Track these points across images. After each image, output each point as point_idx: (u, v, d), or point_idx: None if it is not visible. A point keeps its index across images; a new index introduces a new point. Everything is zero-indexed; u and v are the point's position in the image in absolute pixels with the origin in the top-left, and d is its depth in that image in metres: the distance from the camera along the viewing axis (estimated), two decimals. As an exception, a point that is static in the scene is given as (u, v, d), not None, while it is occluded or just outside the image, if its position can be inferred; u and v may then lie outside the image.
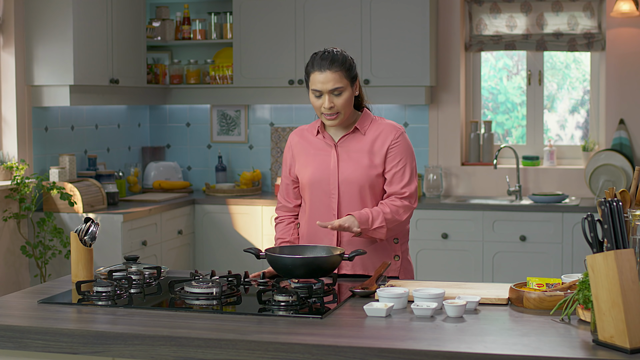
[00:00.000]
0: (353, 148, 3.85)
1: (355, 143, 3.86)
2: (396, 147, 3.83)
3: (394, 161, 3.83)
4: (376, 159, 3.83)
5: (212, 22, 7.43)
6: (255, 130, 7.66)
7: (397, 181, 3.83)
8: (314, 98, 3.80)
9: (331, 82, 3.73)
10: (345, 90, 3.76)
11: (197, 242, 7.10)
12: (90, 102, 6.50)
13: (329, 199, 3.85)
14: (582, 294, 2.85)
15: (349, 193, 3.82)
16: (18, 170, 6.05)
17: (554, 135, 7.36)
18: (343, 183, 3.82)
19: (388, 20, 6.83)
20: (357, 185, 3.81)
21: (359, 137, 3.86)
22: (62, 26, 6.18)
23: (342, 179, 3.83)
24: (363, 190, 3.82)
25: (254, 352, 2.77)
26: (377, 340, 2.78)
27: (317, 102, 3.79)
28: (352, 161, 3.84)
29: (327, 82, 3.73)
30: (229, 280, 3.51)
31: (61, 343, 2.95)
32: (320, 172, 3.86)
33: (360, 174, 3.82)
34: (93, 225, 3.74)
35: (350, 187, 3.82)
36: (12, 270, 6.16)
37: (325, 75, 3.74)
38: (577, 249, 6.37)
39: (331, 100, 3.75)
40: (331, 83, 3.73)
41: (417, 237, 6.58)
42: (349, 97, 3.78)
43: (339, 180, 3.83)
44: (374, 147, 3.84)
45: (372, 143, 3.84)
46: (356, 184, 3.81)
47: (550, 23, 7.03)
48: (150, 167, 7.57)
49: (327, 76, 3.74)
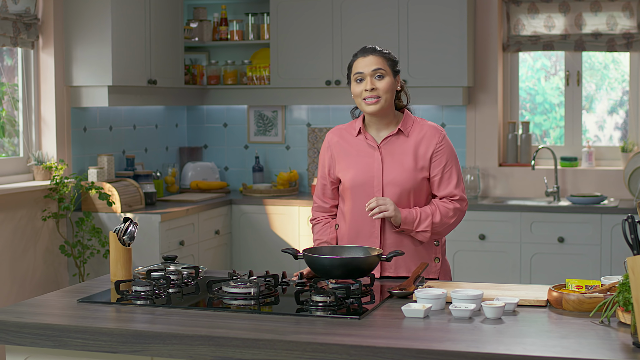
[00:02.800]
0: (397, 150, 3.83)
1: (399, 145, 3.83)
2: (441, 150, 3.82)
3: (440, 165, 3.81)
4: (420, 162, 3.81)
5: (250, 23, 7.45)
6: (292, 131, 7.66)
7: (445, 184, 3.82)
8: (355, 85, 3.79)
9: (374, 64, 3.76)
10: (387, 74, 3.77)
11: (234, 242, 7.11)
12: (128, 103, 6.54)
13: (372, 201, 3.83)
14: (622, 296, 2.83)
15: (393, 196, 3.78)
16: (57, 170, 6.09)
17: (593, 136, 7.31)
18: (387, 186, 3.80)
19: (425, 21, 6.82)
20: (402, 188, 3.79)
21: (402, 139, 3.84)
22: (100, 27, 6.22)
23: (387, 182, 3.80)
24: (407, 193, 3.79)
25: (292, 352, 2.77)
26: (415, 341, 2.77)
27: (358, 88, 3.78)
28: (396, 163, 3.81)
29: (370, 64, 3.76)
30: (266, 280, 3.51)
31: (100, 342, 2.97)
32: (364, 174, 3.83)
33: (405, 177, 3.79)
34: (132, 225, 3.75)
35: (394, 190, 3.79)
36: (51, 270, 6.20)
37: (368, 59, 3.78)
38: (616, 250, 6.32)
39: (373, 82, 3.75)
40: (374, 65, 3.76)
41: (455, 238, 6.56)
42: (390, 83, 3.77)
43: (383, 183, 3.80)
44: (418, 150, 3.81)
45: (416, 146, 3.82)
46: (401, 187, 3.79)
47: (589, 23, 6.98)
48: (188, 168, 7.60)
49: (370, 59, 3.78)
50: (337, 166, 3.92)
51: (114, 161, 6.63)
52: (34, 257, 6.05)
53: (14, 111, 6.18)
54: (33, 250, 6.04)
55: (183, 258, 6.38)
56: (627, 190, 6.77)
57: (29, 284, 6.01)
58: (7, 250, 5.82)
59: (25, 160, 6.20)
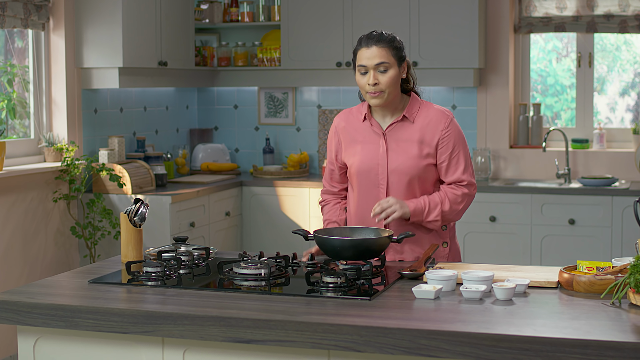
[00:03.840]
0: (402, 137, 3.80)
1: (404, 132, 3.80)
2: (448, 136, 3.78)
3: (447, 151, 3.78)
4: (426, 149, 3.77)
5: (260, 5, 7.43)
6: (303, 113, 7.66)
7: (452, 170, 3.79)
8: (359, 76, 3.75)
9: (377, 57, 3.69)
10: (390, 67, 3.71)
11: (244, 223, 7.12)
12: (139, 85, 6.54)
13: (377, 189, 3.81)
14: (634, 277, 2.83)
15: (398, 184, 3.78)
16: (68, 151, 6.10)
17: (604, 118, 7.28)
18: (392, 174, 3.78)
19: (436, 3, 6.79)
20: (407, 175, 3.77)
21: (407, 125, 3.80)
22: (111, 9, 6.22)
23: (392, 170, 3.78)
24: (412, 181, 3.78)
25: (303, 333, 2.78)
26: (425, 322, 2.77)
27: (362, 79, 3.74)
28: (401, 151, 3.78)
29: (373, 57, 3.69)
30: (277, 261, 3.52)
31: (111, 322, 2.98)
32: (369, 161, 3.82)
33: (410, 164, 3.77)
34: (142, 206, 3.76)
35: (399, 177, 3.77)
36: (62, 251, 6.22)
37: (371, 51, 3.70)
38: (627, 232, 6.31)
39: (376, 77, 3.70)
40: (377, 58, 3.69)
41: (465, 220, 6.55)
42: (394, 76, 3.72)
43: (387, 171, 3.79)
44: (424, 136, 3.77)
45: (422, 132, 3.78)
46: (406, 174, 3.77)
47: (601, 4, 6.95)
48: (198, 149, 7.61)
49: (373, 51, 3.70)
50: (344, 152, 3.91)
51: (124, 143, 6.64)
52: (45, 239, 6.07)
53: (24, 93, 6.19)
54: (44, 232, 6.06)
55: (193, 239, 6.40)
56: (638, 172, 6.76)
57: (40, 265, 6.03)
58: (18, 231, 5.84)
59: (36, 141, 6.21)
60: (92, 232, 6.17)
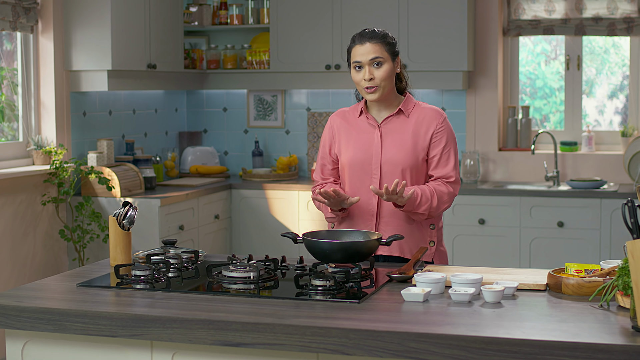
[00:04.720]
0: (397, 129, 3.87)
1: (399, 124, 3.88)
2: (441, 131, 3.86)
3: (439, 146, 3.85)
4: (420, 143, 3.84)
5: (249, 7, 7.43)
6: (292, 115, 7.66)
7: (442, 165, 3.86)
8: (354, 73, 3.83)
9: (371, 52, 3.79)
10: (385, 62, 3.80)
11: (233, 226, 7.12)
12: (127, 87, 6.53)
13: (370, 179, 3.85)
14: (622, 280, 2.83)
15: (391, 174, 3.83)
16: (57, 154, 6.09)
17: (593, 120, 7.30)
18: (386, 164, 3.83)
19: (426, 5, 6.80)
20: (400, 166, 3.82)
21: (402, 119, 3.88)
22: (100, 11, 6.21)
23: (385, 160, 3.84)
24: (405, 172, 3.83)
25: (292, 336, 2.77)
26: (414, 325, 2.77)
27: (357, 75, 3.82)
28: (395, 142, 3.85)
29: (367, 53, 3.79)
30: (266, 264, 3.52)
31: (100, 326, 2.97)
32: (363, 152, 3.87)
33: (404, 155, 3.83)
34: (131, 210, 3.75)
35: (392, 168, 3.83)
36: (50, 254, 6.21)
37: (365, 47, 3.80)
38: (615, 235, 6.33)
39: (371, 72, 3.78)
40: (371, 54, 3.79)
41: (454, 223, 6.56)
42: (389, 70, 3.80)
43: (381, 161, 3.84)
44: (419, 130, 3.85)
45: (417, 126, 3.86)
46: (399, 165, 3.83)
47: (590, 7, 6.96)
48: (187, 152, 7.60)
49: (367, 47, 3.80)
50: (338, 145, 3.96)
51: (113, 146, 6.63)
52: (34, 242, 6.06)
53: (13, 96, 6.17)
54: (33, 235, 6.05)
55: (183, 243, 6.39)
56: (627, 175, 6.77)
57: (29, 269, 6.02)
58: (6, 234, 5.82)
59: (25, 144, 6.19)
60: (81, 235, 6.16)
